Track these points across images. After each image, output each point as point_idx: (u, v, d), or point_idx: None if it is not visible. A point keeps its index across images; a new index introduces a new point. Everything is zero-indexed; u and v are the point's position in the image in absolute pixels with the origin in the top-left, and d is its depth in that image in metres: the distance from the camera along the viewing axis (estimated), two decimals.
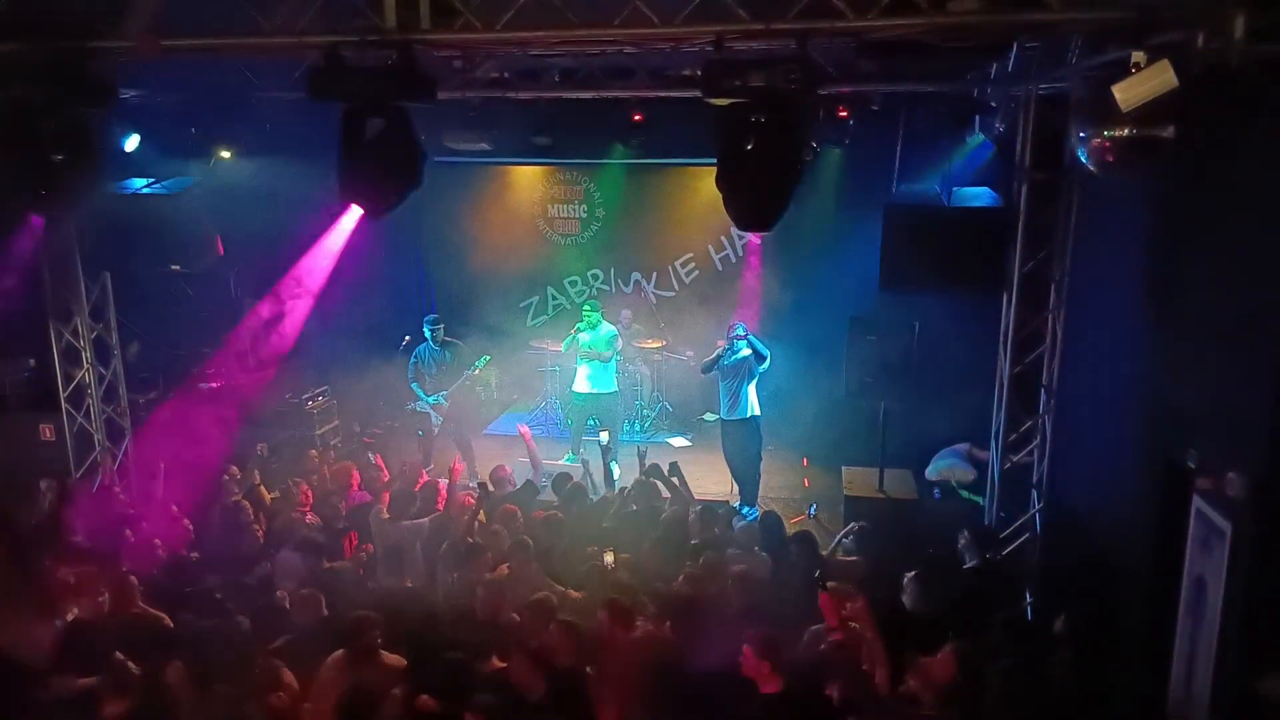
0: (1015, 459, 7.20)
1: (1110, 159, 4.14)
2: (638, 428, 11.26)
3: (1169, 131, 3.88)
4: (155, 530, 6.59)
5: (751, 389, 8.78)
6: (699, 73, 4.58)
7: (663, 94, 7.13)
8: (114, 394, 8.46)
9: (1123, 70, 3.84)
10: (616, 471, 8.69)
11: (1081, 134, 4.29)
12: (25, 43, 4.75)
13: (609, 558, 6.05)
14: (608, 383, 9.90)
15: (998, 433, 7.30)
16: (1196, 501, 4.62)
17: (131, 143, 7.66)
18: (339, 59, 4.52)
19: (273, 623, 5.30)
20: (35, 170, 5.14)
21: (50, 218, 7.29)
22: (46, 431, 8.28)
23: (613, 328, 9.95)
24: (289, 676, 4.70)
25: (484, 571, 5.80)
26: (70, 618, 5.26)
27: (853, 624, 4.72)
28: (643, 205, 11.70)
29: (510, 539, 6.17)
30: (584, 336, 9.81)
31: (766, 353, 8.58)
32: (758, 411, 8.85)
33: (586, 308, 9.93)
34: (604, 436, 8.42)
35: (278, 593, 5.82)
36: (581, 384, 9.92)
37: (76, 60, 4.86)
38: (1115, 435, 6.05)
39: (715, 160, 4.51)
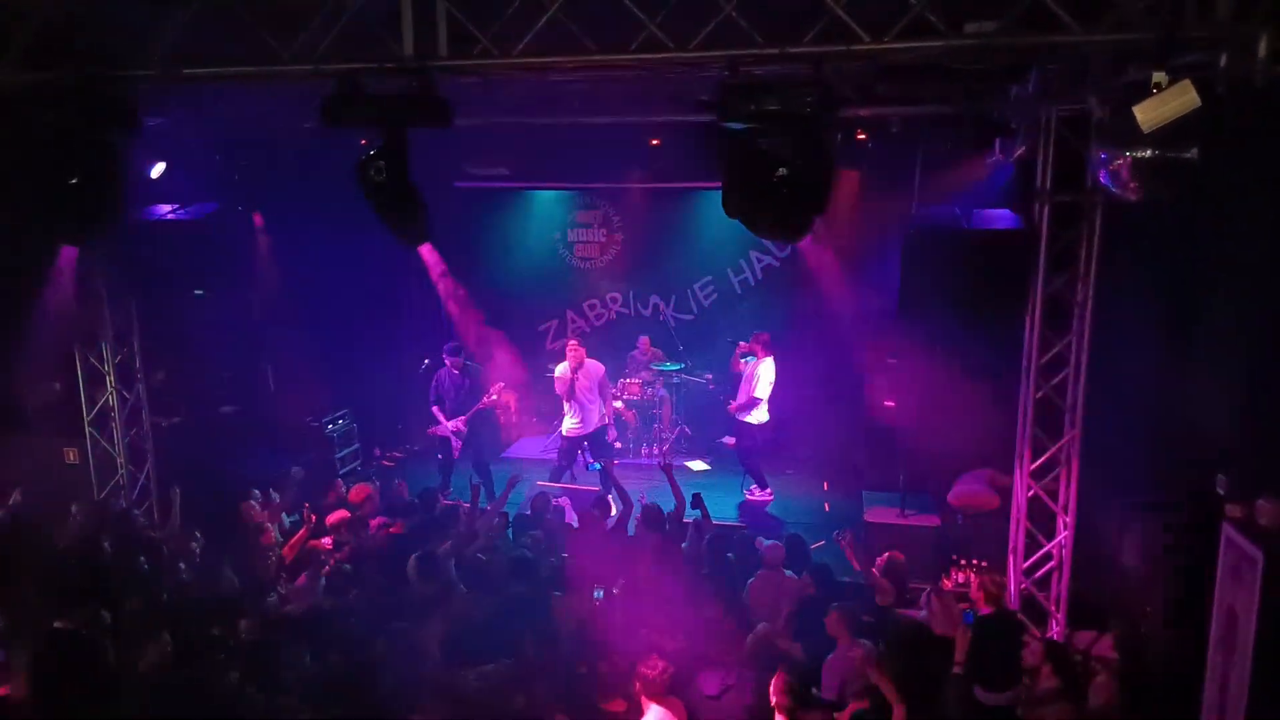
0: (1039, 484, 7.08)
1: (1132, 181, 4.08)
2: (656, 451, 11.20)
3: (1192, 153, 3.81)
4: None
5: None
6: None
7: (681, 118, 7.14)
8: (137, 418, 8.53)
9: (1144, 91, 3.79)
10: None
11: (1103, 155, 4.24)
12: (51, 71, 4.84)
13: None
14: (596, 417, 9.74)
15: (1021, 458, 7.18)
16: (1226, 529, 4.51)
17: (157, 170, 7.78)
18: (356, 87, 4.56)
19: None
20: (63, 196, 5.23)
21: (77, 243, 7.40)
22: (70, 455, 8.37)
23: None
24: None
25: None
26: None
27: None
28: (661, 228, 11.71)
29: None
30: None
31: None
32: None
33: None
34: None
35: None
36: (583, 426, 9.52)
37: (101, 88, 4.95)
38: (1142, 461, 5.94)
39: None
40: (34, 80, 4.88)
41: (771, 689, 4.46)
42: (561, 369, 9.47)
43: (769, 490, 9.82)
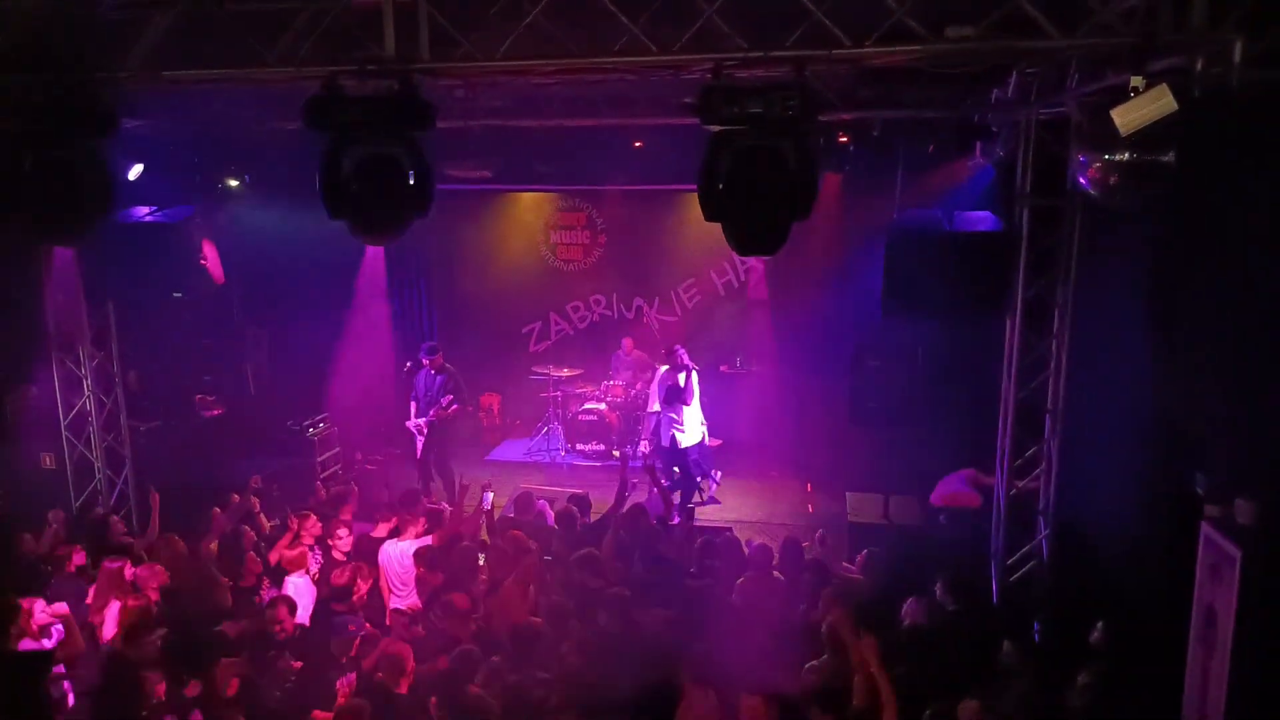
0: (1021, 484, 7.13)
1: (1110, 183, 4.13)
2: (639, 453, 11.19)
3: (1169, 156, 3.86)
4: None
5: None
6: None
7: (663, 121, 7.16)
8: (115, 422, 8.43)
9: (1122, 95, 3.84)
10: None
11: (1081, 159, 4.28)
12: (28, 74, 4.78)
13: None
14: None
15: (1003, 458, 7.23)
16: (1205, 528, 4.55)
17: (134, 171, 7.69)
18: (338, 89, 4.54)
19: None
20: (41, 200, 5.16)
21: (55, 247, 7.31)
22: (47, 460, 8.25)
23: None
24: None
25: None
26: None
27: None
28: (645, 230, 11.71)
29: None
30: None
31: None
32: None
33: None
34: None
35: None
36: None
37: (78, 91, 4.89)
38: (1122, 460, 5.99)
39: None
40: (9, 85, 4.82)
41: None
42: (669, 371, 9.41)
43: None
